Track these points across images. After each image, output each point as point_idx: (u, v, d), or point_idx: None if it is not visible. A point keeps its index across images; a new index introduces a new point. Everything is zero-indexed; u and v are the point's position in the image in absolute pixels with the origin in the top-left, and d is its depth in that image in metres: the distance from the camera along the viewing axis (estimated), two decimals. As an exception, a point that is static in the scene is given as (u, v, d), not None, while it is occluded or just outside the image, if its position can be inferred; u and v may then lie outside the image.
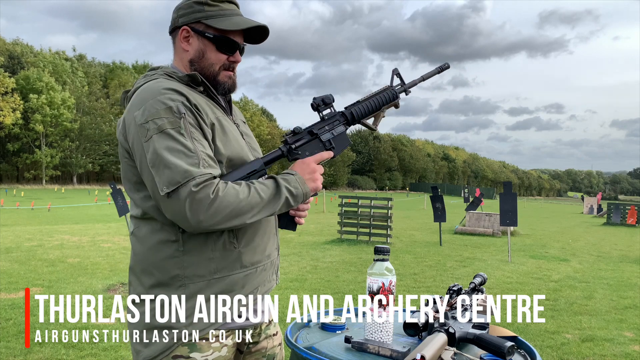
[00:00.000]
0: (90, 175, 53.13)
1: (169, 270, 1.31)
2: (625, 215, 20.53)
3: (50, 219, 15.47)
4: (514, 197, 8.59)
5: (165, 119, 1.24)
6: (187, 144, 1.22)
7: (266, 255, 1.43)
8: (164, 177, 1.19)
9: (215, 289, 1.32)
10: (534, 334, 4.55)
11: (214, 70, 1.40)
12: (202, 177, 1.19)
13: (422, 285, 6.62)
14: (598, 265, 9.06)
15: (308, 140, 1.44)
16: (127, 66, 63.97)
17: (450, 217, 13.75)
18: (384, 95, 1.55)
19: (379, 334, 1.21)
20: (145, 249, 1.34)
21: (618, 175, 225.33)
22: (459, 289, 1.43)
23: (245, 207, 1.24)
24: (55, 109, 44.98)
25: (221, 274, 1.33)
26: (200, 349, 1.31)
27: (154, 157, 1.21)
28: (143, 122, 1.24)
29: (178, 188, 1.18)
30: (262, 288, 1.41)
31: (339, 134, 1.48)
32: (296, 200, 1.32)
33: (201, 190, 1.18)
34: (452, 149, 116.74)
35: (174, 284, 1.31)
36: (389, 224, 10.71)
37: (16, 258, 7.75)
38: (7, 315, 4.61)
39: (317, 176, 1.39)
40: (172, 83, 1.32)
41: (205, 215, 1.19)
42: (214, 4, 1.38)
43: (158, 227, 1.32)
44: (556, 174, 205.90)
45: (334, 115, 1.48)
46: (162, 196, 1.20)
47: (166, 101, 1.26)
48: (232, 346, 1.39)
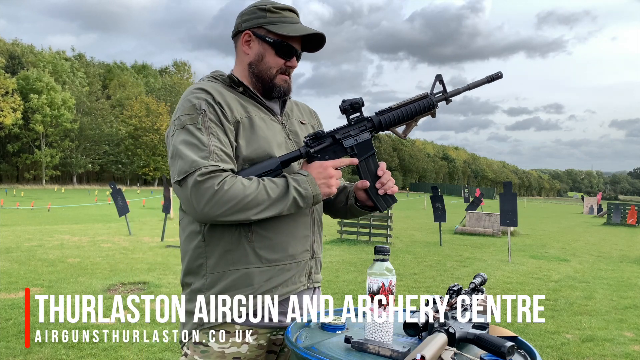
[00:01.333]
0: (90, 175, 53.17)
1: (197, 259, 1.41)
2: (625, 215, 20.54)
3: (50, 219, 15.47)
4: (514, 197, 8.59)
5: (187, 115, 1.34)
6: (202, 139, 1.31)
7: (289, 255, 1.43)
8: (176, 166, 1.30)
9: (230, 281, 1.37)
10: (534, 334, 4.55)
11: (271, 73, 1.46)
12: (208, 168, 1.26)
13: (422, 285, 6.62)
14: (598, 265, 9.06)
15: (329, 144, 1.43)
16: (126, 66, 63.98)
17: (450, 217, 13.75)
18: (420, 103, 1.45)
19: (379, 334, 1.21)
20: (183, 238, 1.46)
21: (618, 175, 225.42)
22: (459, 289, 1.43)
23: (250, 203, 1.28)
24: (55, 109, 45.00)
25: (236, 266, 1.38)
26: (217, 339, 1.37)
27: (173, 150, 1.33)
28: (174, 119, 1.37)
29: (186, 177, 1.26)
30: (282, 288, 1.42)
31: (363, 141, 1.44)
32: (305, 201, 1.34)
33: (206, 180, 1.25)
34: (452, 149, 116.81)
35: (200, 272, 1.41)
36: (389, 224, 10.72)
37: (16, 258, 7.75)
38: (7, 315, 4.61)
39: (332, 182, 1.39)
40: (206, 84, 1.42)
41: (209, 205, 1.25)
42: (276, 11, 1.45)
43: (190, 219, 1.42)
44: (556, 174, 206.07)
45: (361, 120, 1.44)
46: (175, 184, 1.30)
47: (192, 99, 1.36)
48: (257, 347, 1.41)
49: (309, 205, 1.36)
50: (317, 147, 1.42)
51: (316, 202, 1.38)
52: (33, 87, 44.62)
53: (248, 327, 1.39)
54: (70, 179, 50.09)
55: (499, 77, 1.49)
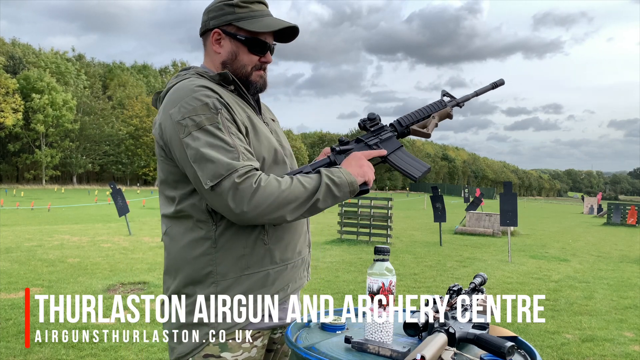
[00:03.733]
0: (90, 175, 53.18)
1: (203, 267, 1.33)
2: (625, 216, 20.53)
3: (50, 219, 15.47)
4: (514, 197, 8.59)
5: (202, 115, 1.26)
6: (226, 139, 1.25)
7: (297, 252, 1.44)
8: (207, 170, 1.21)
9: (246, 286, 1.33)
10: (534, 334, 4.54)
11: (246, 71, 1.42)
12: (244, 169, 1.21)
13: (422, 285, 6.62)
14: (598, 265, 9.06)
15: (355, 147, 1.44)
16: (127, 67, 64.00)
17: (450, 217, 13.75)
18: (433, 105, 1.56)
19: (379, 334, 1.21)
20: (179, 247, 1.36)
21: (618, 175, 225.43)
22: (459, 289, 1.43)
23: (288, 197, 1.23)
24: (57, 109, 45.01)
25: (251, 270, 1.34)
26: (231, 349, 1.33)
27: (194, 153, 1.23)
28: (180, 119, 1.27)
29: (221, 181, 1.20)
30: (293, 285, 1.42)
31: (387, 137, 1.47)
32: (341, 189, 1.29)
33: (244, 181, 1.20)
34: (452, 149, 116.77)
35: (207, 280, 1.33)
36: (389, 224, 10.71)
37: (16, 258, 7.75)
38: (7, 315, 4.61)
39: (363, 163, 1.36)
40: (204, 81, 1.35)
41: (249, 205, 1.20)
42: (244, 6, 1.39)
43: (191, 225, 1.34)
44: (556, 174, 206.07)
45: (382, 127, 1.48)
46: (207, 190, 1.22)
47: (202, 98, 1.28)
48: (262, 347, 1.40)
49: (347, 194, 1.31)
50: (342, 147, 1.42)
51: (354, 191, 1.32)
52: (34, 87, 44.63)
53: (257, 331, 1.37)
54: (70, 179, 50.10)
55: (502, 83, 1.67)
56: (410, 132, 1.52)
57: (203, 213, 1.33)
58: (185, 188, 1.34)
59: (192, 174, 1.26)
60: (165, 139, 1.32)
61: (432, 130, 1.52)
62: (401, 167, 1.45)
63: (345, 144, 1.43)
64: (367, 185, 1.35)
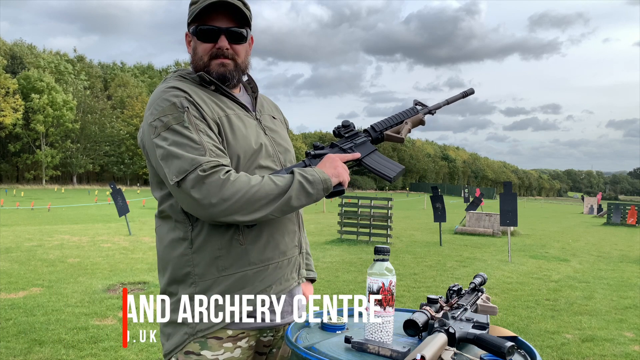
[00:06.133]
0: (90, 176, 53.19)
1: (182, 268, 1.35)
2: (625, 215, 20.54)
3: (50, 219, 15.47)
4: (514, 197, 8.59)
5: (170, 115, 1.28)
6: (193, 137, 1.25)
7: (280, 252, 1.41)
8: (173, 167, 1.23)
9: (224, 287, 1.33)
10: (534, 334, 4.54)
11: (203, 62, 1.41)
12: (209, 164, 1.21)
13: (422, 285, 6.62)
14: (598, 265, 9.06)
15: (330, 152, 1.45)
16: (128, 67, 64.03)
17: (450, 217, 13.76)
18: (406, 112, 1.61)
19: (379, 334, 1.21)
20: (163, 247, 1.39)
21: (618, 175, 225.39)
22: (459, 289, 1.43)
23: (258, 193, 1.23)
24: (57, 109, 45.03)
25: (229, 272, 1.34)
26: (210, 347, 1.33)
27: (162, 152, 1.26)
28: (152, 120, 1.30)
29: (186, 176, 1.21)
30: (277, 287, 1.40)
31: (361, 142, 1.49)
32: (313, 186, 1.28)
33: (210, 174, 1.20)
34: (453, 149, 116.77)
35: (187, 281, 1.34)
36: (389, 224, 10.72)
37: (16, 258, 7.76)
38: (7, 315, 4.61)
39: (337, 164, 1.36)
40: (178, 83, 1.36)
41: (217, 197, 1.20)
42: (196, 1, 1.40)
43: (172, 226, 1.37)
44: (556, 174, 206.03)
45: (356, 132, 1.52)
46: (173, 186, 1.23)
47: (170, 98, 1.30)
48: (248, 348, 1.39)
49: (320, 192, 1.30)
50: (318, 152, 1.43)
51: (327, 188, 1.31)
52: (34, 87, 44.65)
53: (241, 331, 1.36)
54: (70, 179, 50.11)
55: (471, 92, 1.74)
56: (384, 137, 1.55)
57: (180, 214, 1.34)
58: (165, 189, 1.36)
59: (162, 173, 1.28)
60: (143, 142, 1.36)
61: (406, 135, 1.56)
62: (376, 169, 1.47)
63: (320, 148, 1.45)
64: (342, 186, 1.36)
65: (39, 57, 50.41)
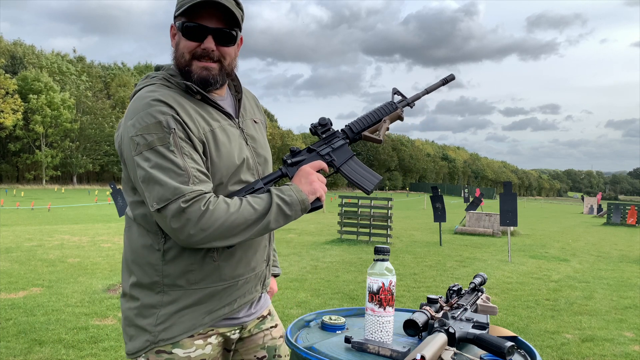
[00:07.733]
0: (90, 175, 53.17)
1: (150, 275, 1.32)
2: (625, 215, 20.53)
3: (50, 219, 15.47)
4: (514, 197, 8.59)
5: (154, 134, 1.22)
6: (177, 162, 1.21)
7: (251, 268, 1.42)
8: (154, 193, 1.19)
9: (193, 299, 1.33)
10: (534, 334, 4.54)
11: (184, 60, 1.33)
12: (192, 194, 1.18)
13: (422, 285, 6.62)
14: (598, 265, 9.06)
15: (306, 157, 1.43)
16: (128, 67, 64.06)
17: (450, 217, 13.76)
18: (383, 108, 1.53)
19: (379, 334, 1.22)
20: (131, 249, 1.36)
21: (618, 176, 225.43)
22: (459, 289, 1.43)
23: (237, 220, 1.21)
24: (55, 109, 45.01)
25: (198, 286, 1.33)
26: (182, 346, 1.33)
27: (144, 174, 1.21)
28: (134, 134, 1.24)
29: (168, 205, 1.18)
30: (241, 300, 1.41)
31: (339, 146, 1.46)
32: (291, 208, 1.28)
33: (191, 205, 1.18)
34: (453, 149, 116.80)
35: (154, 289, 1.33)
36: (389, 224, 10.72)
37: (16, 258, 7.76)
38: (7, 315, 4.61)
39: (312, 179, 1.34)
40: (164, 92, 1.30)
41: (195, 229, 1.18)
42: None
43: (144, 232, 1.34)
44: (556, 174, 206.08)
45: (333, 133, 1.47)
46: (153, 211, 1.21)
47: (156, 115, 1.24)
48: (218, 344, 1.40)
49: (298, 212, 1.30)
50: (294, 159, 1.41)
51: (305, 208, 1.30)
52: (31, 88, 44.63)
53: (210, 328, 1.37)
54: (70, 179, 50.09)
55: (452, 79, 1.64)
56: (361, 137, 1.51)
57: (152, 225, 1.31)
58: (139, 196, 1.32)
59: (141, 193, 1.24)
60: (122, 149, 1.30)
61: (383, 135, 1.52)
62: (354, 180, 1.46)
63: (297, 153, 1.43)
64: (319, 201, 1.35)
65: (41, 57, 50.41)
